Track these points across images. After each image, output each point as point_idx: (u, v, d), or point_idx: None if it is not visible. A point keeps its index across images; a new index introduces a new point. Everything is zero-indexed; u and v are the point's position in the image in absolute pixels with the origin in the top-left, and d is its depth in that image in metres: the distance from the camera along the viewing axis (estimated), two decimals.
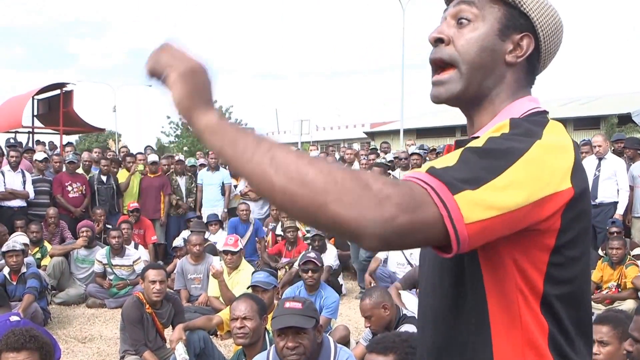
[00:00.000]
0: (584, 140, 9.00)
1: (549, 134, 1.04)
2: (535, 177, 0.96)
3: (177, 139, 36.15)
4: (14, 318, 3.62)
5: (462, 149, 1.00)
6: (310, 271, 5.27)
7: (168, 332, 4.80)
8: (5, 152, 8.74)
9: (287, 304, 3.11)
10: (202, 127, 0.98)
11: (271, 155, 0.91)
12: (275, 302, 5.83)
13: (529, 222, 0.98)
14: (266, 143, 0.93)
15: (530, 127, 1.04)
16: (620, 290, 6.05)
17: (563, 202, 0.99)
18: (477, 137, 1.09)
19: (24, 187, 8.23)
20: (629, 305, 5.62)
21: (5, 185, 8.06)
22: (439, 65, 1.18)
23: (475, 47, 1.14)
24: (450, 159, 0.97)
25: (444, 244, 0.92)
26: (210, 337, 4.69)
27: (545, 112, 1.16)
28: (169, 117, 36.36)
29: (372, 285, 6.07)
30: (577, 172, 1.02)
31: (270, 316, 3.74)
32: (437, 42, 1.17)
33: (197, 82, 1.00)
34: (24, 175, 8.28)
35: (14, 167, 8.23)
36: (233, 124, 0.98)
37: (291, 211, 0.92)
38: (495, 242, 1.00)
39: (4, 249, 5.97)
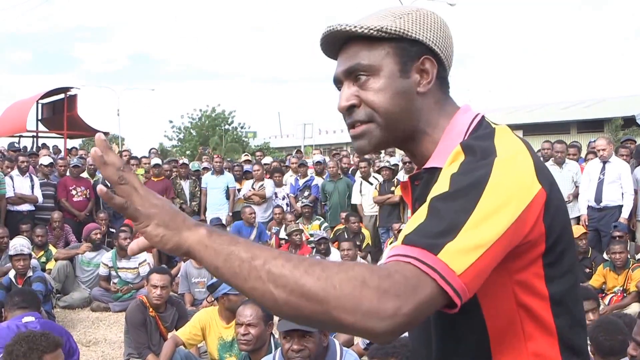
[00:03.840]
0: (592, 140, 8.91)
1: (501, 144, 1.03)
2: (508, 197, 0.96)
3: (179, 143, 36.20)
4: (27, 319, 3.57)
5: (429, 200, 0.98)
6: None
7: None
8: (11, 157, 8.76)
9: None
10: (193, 246, 0.95)
11: (267, 270, 0.90)
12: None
13: (518, 240, 0.98)
14: (260, 256, 0.91)
15: (482, 145, 1.03)
16: (625, 295, 6.02)
17: (540, 205, 0.99)
18: (433, 167, 1.10)
19: (32, 192, 8.29)
20: (634, 309, 5.60)
21: (14, 190, 8.11)
22: (356, 124, 1.15)
23: (386, 98, 1.11)
24: (420, 216, 0.96)
25: (448, 303, 0.92)
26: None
27: (483, 118, 1.14)
28: (171, 122, 36.60)
29: None
30: (540, 170, 1.02)
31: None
32: (350, 108, 1.14)
33: (167, 212, 0.97)
34: (32, 180, 8.34)
35: (23, 171, 8.27)
36: (223, 236, 0.95)
37: (298, 320, 0.93)
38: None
39: (12, 252, 5.99)
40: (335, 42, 1.16)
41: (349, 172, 9.87)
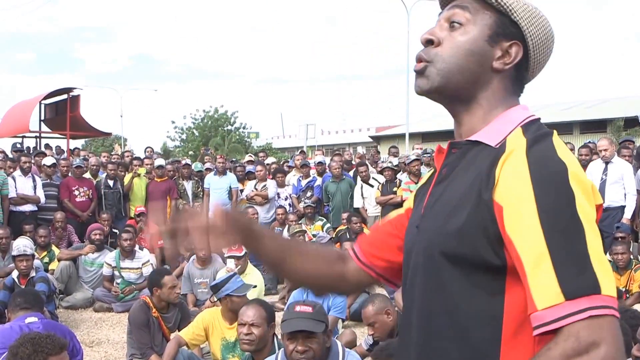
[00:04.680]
0: (590, 141, 8.89)
1: (561, 152, 1.06)
2: (591, 213, 1.03)
3: (182, 144, 36.24)
4: (30, 319, 3.57)
5: (534, 245, 1.00)
6: None
7: None
8: (14, 158, 8.76)
9: (298, 308, 3.10)
10: None
11: None
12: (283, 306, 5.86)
13: None
14: None
15: (546, 154, 1.05)
16: (628, 296, 6.02)
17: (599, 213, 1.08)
18: (472, 141, 1.15)
19: (35, 192, 8.30)
20: None
21: (16, 191, 8.13)
22: (420, 58, 1.21)
23: (462, 50, 1.17)
24: (539, 262, 0.98)
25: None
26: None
27: (539, 120, 1.17)
28: (173, 122, 36.59)
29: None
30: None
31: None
32: (428, 43, 1.20)
33: None
34: (34, 180, 8.35)
35: (26, 172, 8.29)
36: None
37: None
38: None
39: (15, 252, 6.00)
40: None
41: (347, 172, 9.85)
